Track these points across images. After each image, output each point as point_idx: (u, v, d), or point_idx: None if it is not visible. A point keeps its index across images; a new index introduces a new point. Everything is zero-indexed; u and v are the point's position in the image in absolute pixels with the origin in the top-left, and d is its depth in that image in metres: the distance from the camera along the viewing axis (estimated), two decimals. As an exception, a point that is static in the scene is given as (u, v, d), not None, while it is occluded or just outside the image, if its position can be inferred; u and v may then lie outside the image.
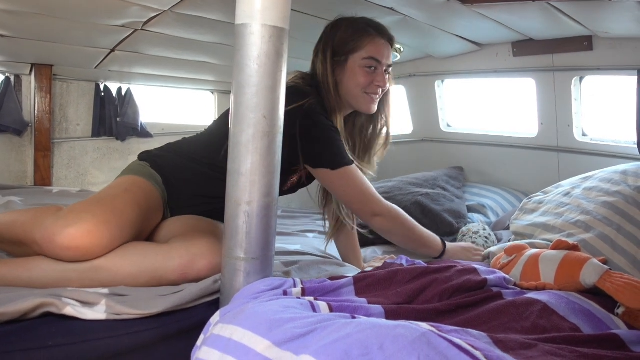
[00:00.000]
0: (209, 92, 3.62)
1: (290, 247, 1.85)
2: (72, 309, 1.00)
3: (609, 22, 1.93)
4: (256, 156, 1.02)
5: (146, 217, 1.34)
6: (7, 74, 2.76)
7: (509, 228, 1.97)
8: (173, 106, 3.58)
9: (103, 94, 3.07)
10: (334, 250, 1.87)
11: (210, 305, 1.12)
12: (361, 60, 1.53)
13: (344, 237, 1.79)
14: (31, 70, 2.75)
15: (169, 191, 1.49)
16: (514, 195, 2.59)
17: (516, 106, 2.79)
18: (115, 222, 1.19)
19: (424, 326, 0.78)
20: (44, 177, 2.85)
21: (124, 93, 3.14)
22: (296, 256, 1.73)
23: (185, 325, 1.07)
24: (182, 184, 1.50)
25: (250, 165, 1.02)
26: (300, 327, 0.79)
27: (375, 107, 1.59)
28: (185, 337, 1.04)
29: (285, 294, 1.01)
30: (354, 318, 0.85)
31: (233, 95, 1.04)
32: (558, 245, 1.37)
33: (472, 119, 2.99)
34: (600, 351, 0.86)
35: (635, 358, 0.86)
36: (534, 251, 1.39)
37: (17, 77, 2.80)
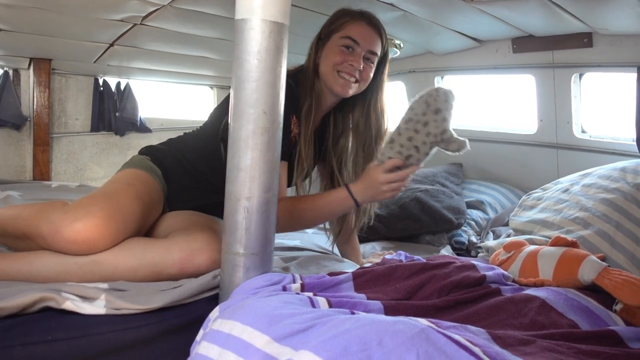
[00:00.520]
0: (208, 87, 3.62)
1: (289, 243, 1.86)
2: (72, 304, 1.00)
3: (609, 18, 1.93)
4: (256, 152, 1.02)
5: (148, 210, 1.36)
6: (5, 68, 2.75)
7: (507, 224, 1.97)
8: (172, 101, 3.58)
9: (102, 88, 3.07)
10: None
11: (210, 301, 1.13)
12: (339, 39, 1.51)
13: (343, 234, 1.79)
14: (30, 65, 2.75)
15: (168, 185, 1.50)
16: (512, 191, 2.59)
17: (515, 103, 2.79)
18: (121, 217, 1.21)
19: (423, 322, 0.78)
20: (42, 171, 2.85)
21: (122, 88, 3.13)
22: (295, 252, 1.73)
23: (185, 321, 1.07)
24: (181, 178, 1.51)
25: (250, 161, 1.02)
26: (300, 323, 0.79)
27: (350, 91, 1.52)
28: (185, 332, 1.04)
29: (285, 289, 1.01)
30: (353, 314, 0.85)
31: (233, 90, 1.03)
32: (557, 242, 1.37)
33: (472, 115, 2.99)
34: (598, 347, 0.87)
35: (632, 354, 0.87)
36: (532, 247, 1.39)
37: (16, 71, 2.79)
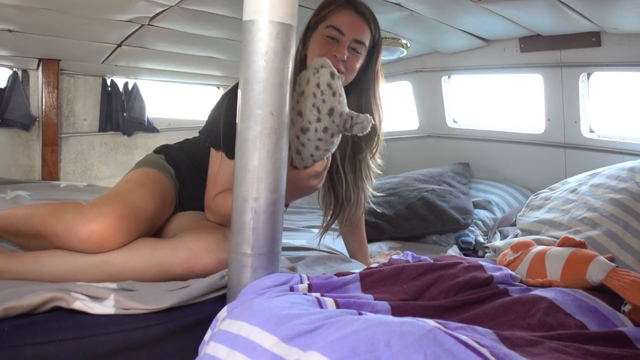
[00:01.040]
0: (215, 87, 3.63)
1: (295, 243, 1.86)
2: (82, 304, 1.01)
3: (617, 17, 1.92)
4: (263, 152, 1.02)
5: (160, 209, 1.38)
6: (14, 69, 2.77)
7: (515, 224, 1.97)
8: (179, 101, 3.59)
9: (110, 88, 3.08)
10: (340, 246, 1.87)
11: (217, 301, 1.13)
12: (324, 29, 1.43)
13: (351, 234, 1.79)
14: (38, 65, 2.77)
15: (181, 185, 1.52)
16: (520, 191, 2.58)
17: (523, 102, 2.78)
18: (133, 216, 1.24)
19: (430, 323, 0.78)
20: (51, 171, 2.87)
21: (130, 88, 3.15)
22: (302, 252, 1.73)
23: (193, 321, 1.07)
24: (193, 178, 1.53)
25: (257, 162, 1.02)
26: (308, 323, 0.80)
27: None
28: (193, 332, 1.05)
29: (292, 290, 1.02)
30: (360, 314, 0.86)
31: (240, 91, 1.04)
32: (564, 242, 1.37)
33: (479, 115, 2.98)
34: (606, 349, 0.86)
35: (641, 356, 0.86)
36: (540, 248, 1.39)
37: (25, 71, 2.81)
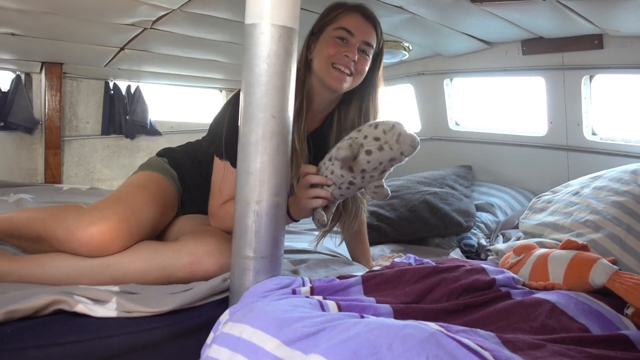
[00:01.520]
0: (217, 90, 3.63)
1: (297, 246, 1.85)
2: (84, 307, 1.01)
3: (619, 20, 1.91)
4: (265, 156, 1.03)
5: (162, 213, 1.38)
6: (17, 72, 2.78)
7: (517, 227, 1.96)
8: (182, 104, 3.60)
9: (112, 92, 3.09)
10: (342, 249, 1.86)
11: (220, 304, 1.13)
12: (333, 31, 1.43)
13: (354, 237, 1.79)
14: (41, 69, 2.78)
15: (183, 188, 1.52)
16: (522, 194, 2.58)
17: (525, 105, 2.78)
18: (134, 220, 1.24)
19: (432, 326, 0.78)
20: (54, 174, 2.88)
21: (133, 91, 3.16)
22: (304, 254, 1.73)
23: (195, 323, 1.07)
24: (195, 181, 1.53)
25: (259, 165, 1.03)
26: (310, 326, 0.80)
27: (344, 85, 1.42)
28: (195, 334, 1.05)
29: (294, 292, 1.02)
30: (362, 317, 0.86)
31: (242, 94, 1.04)
32: (567, 245, 1.36)
33: (481, 118, 2.98)
34: (609, 352, 0.86)
35: (644, 359, 0.86)
36: (542, 251, 1.38)
37: (28, 75, 2.82)
